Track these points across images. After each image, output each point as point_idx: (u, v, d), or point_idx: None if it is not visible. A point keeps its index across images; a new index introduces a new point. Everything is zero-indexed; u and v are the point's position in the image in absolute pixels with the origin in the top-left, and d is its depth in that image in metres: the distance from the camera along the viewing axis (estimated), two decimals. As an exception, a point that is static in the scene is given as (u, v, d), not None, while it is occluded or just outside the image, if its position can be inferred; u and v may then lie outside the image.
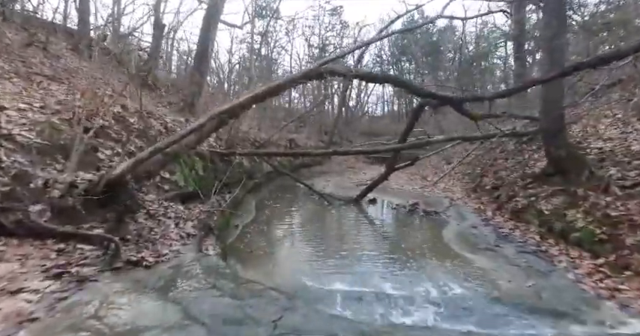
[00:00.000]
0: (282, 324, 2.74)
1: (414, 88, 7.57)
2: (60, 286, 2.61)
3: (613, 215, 4.68)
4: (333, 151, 10.04)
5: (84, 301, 2.48)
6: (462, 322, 3.62)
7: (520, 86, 6.88)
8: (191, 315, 2.48)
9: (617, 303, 3.72)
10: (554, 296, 4.20)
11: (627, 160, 5.42)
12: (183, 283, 3.38)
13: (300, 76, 5.38)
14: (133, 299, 2.53)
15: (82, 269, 2.79)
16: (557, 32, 6.13)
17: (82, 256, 2.95)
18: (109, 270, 3.02)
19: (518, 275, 4.92)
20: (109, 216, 3.94)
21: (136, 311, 2.37)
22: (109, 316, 2.30)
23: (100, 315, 2.29)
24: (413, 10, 8.37)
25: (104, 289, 2.61)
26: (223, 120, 5.35)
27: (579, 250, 5.04)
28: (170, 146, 4.45)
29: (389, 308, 3.88)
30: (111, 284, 2.71)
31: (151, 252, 4.00)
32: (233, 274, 4.35)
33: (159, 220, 5.01)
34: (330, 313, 3.29)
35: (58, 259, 2.83)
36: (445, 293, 4.55)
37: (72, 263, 2.82)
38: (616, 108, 7.62)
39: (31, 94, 5.44)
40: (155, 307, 2.43)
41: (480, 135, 9.73)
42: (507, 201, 7.79)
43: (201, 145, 7.22)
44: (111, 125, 5.66)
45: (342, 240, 6.88)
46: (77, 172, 3.78)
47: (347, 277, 4.99)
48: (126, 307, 2.40)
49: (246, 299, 3.24)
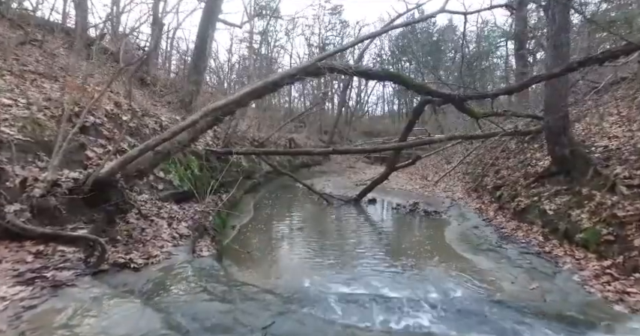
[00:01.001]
0: (274, 331, 2.59)
1: (416, 85, 7.43)
2: (31, 293, 2.42)
3: (620, 215, 4.52)
4: (333, 149, 9.88)
5: (55, 309, 2.30)
6: (462, 327, 3.47)
7: (524, 83, 6.72)
8: (173, 322, 2.30)
9: (627, 307, 3.56)
10: (559, 299, 4.06)
11: (634, 159, 5.25)
12: (172, 286, 3.22)
13: (297, 71, 5.22)
14: (111, 305, 2.34)
15: (59, 273, 2.60)
16: (562, 27, 5.98)
17: (62, 259, 2.78)
18: (90, 274, 2.84)
19: (521, 277, 4.79)
20: (97, 216, 3.79)
21: (113, 319, 2.20)
22: (81, 325, 2.11)
23: (71, 324, 2.10)
24: (413, 9, 8.25)
25: (81, 295, 2.42)
26: (217, 117, 5.20)
27: (585, 251, 4.89)
28: (161, 144, 4.29)
29: (387, 312, 3.73)
30: (90, 289, 2.52)
31: (140, 253, 3.85)
32: (227, 276, 4.22)
33: (151, 221, 4.86)
34: (325, 317, 3.15)
35: (34, 263, 2.64)
36: (446, 296, 4.42)
37: (49, 267, 2.63)
38: (620, 106, 7.46)
39: (23, 91, 5.32)
40: (135, 314, 2.25)
41: (481, 134, 9.60)
42: (509, 201, 7.65)
43: (195, 143, 7.09)
44: (103, 123, 5.52)
45: (341, 241, 6.74)
46: (62, 170, 3.64)
47: (345, 280, 4.87)
48: (102, 315, 2.22)
49: (238, 303, 3.08)
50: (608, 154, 5.81)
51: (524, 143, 9.61)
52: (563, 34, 5.88)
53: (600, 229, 4.72)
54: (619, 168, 5.20)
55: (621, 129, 6.48)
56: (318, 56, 5.99)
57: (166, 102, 11.68)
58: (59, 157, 3.29)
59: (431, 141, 9.54)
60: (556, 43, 5.98)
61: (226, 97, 5.20)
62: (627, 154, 5.47)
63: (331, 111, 35.52)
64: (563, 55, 5.94)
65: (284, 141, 18.40)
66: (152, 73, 14.59)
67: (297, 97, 36.11)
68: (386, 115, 42.68)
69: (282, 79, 5.21)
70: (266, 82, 5.08)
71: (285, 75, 5.19)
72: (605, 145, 6.20)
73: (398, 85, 7.69)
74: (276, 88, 5.81)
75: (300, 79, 5.76)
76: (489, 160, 10.93)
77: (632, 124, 6.33)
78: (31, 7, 12.34)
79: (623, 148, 5.74)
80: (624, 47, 4.62)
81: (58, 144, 3.34)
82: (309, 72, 5.62)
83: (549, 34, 6.22)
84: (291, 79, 5.44)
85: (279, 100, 34.15)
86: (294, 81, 5.70)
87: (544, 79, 6.03)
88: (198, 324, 2.50)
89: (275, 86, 5.48)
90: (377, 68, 8.67)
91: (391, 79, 7.79)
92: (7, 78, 5.75)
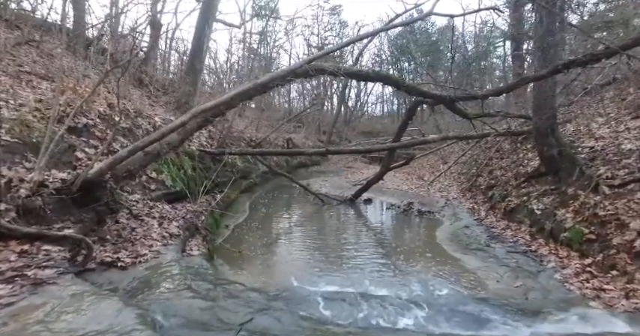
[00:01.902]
0: (249, 327, 2.66)
1: (407, 86, 7.49)
2: (10, 291, 2.46)
3: (601, 215, 4.60)
4: (326, 150, 9.93)
5: (33, 306, 2.35)
6: (443, 324, 3.56)
7: (511, 84, 6.79)
8: (149, 319, 2.37)
9: (602, 303, 3.66)
10: (540, 297, 4.15)
11: (617, 159, 5.33)
12: (157, 284, 3.29)
13: (286, 73, 5.28)
14: (90, 302, 2.39)
15: (40, 272, 2.64)
16: (550, 30, 6.05)
17: (46, 258, 2.83)
18: (74, 272, 2.90)
19: (506, 276, 4.88)
20: (85, 216, 3.86)
21: (89, 315, 2.24)
22: (57, 321, 2.15)
23: (47, 320, 2.13)
24: (412, 8, 8.30)
25: (60, 293, 2.46)
26: (208, 119, 5.28)
27: (568, 249, 4.98)
28: (150, 145, 4.37)
29: (370, 309, 3.80)
30: (70, 287, 2.56)
31: (129, 252, 3.93)
32: (215, 274, 4.29)
33: (142, 220, 4.93)
34: (305, 315, 3.21)
35: (17, 262, 2.68)
36: (431, 294, 4.51)
37: (31, 266, 2.68)
38: (609, 107, 7.53)
39: (17, 92, 5.40)
40: (112, 311, 2.30)
41: (474, 134, 9.66)
42: (500, 201, 7.72)
43: (186, 144, 7.16)
44: (96, 124, 5.60)
45: (335, 240, 6.83)
46: (50, 171, 3.72)
47: (334, 278, 4.96)
48: (79, 312, 2.27)
49: (220, 301, 3.16)
50: (594, 155, 5.89)
51: (518, 143, 9.67)
52: (550, 36, 5.94)
53: (583, 228, 4.80)
54: (602, 168, 5.28)
55: (609, 130, 6.54)
56: (308, 58, 6.07)
57: (164, 102, 11.77)
58: (46, 158, 3.37)
59: (424, 141, 9.60)
60: (543, 46, 6.05)
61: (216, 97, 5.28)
62: (611, 155, 5.54)
63: (330, 111, 35.60)
64: (551, 57, 6.01)
65: (282, 141, 18.45)
66: (150, 73, 14.70)
67: (297, 97, 36.19)
68: (385, 115, 42.69)
69: (271, 81, 5.28)
70: (255, 83, 5.15)
71: (274, 77, 5.26)
72: (591, 146, 6.27)
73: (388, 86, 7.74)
74: (266, 89, 5.87)
75: (291, 80, 5.83)
76: (484, 160, 10.99)
77: (619, 125, 6.40)
78: (29, 8, 12.50)
79: (607, 148, 5.82)
80: (604, 51, 4.71)
81: (44, 145, 3.42)
82: (298, 74, 5.69)
83: (536, 37, 6.30)
84: (280, 80, 5.50)
85: (279, 100, 34.31)
86: (284, 83, 5.77)
87: (531, 81, 6.11)
88: (176, 320, 2.57)
89: (264, 88, 5.55)
90: (367, 69, 8.69)
91: (381, 81, 7.86)
92: (2, 79, 5.84)
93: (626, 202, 4.46)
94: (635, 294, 3.60)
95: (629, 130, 6.03)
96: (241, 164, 11.41)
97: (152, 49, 16.88)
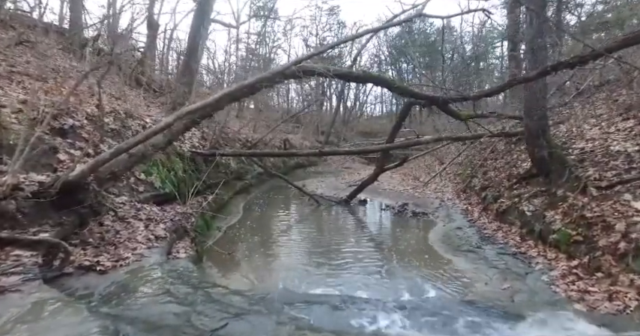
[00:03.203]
0: (222, 333, 2.62)
1: (399, 88, 7.46)
2: None
3: (588, 216, 4.57)
4: (320, 151, 9.89)
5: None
6: (425, 328, 3.51)
7: (502, 85, 6.77)
8: (115, 326, 2.31)
9: (585, 305, 3.63)
10: (526, 299, 4.11)
11: (605, 161, 5.30)
12: (134, 288, 3.24)
13: (273, 75, 5.24)
14: (52, 311, 2.31)
15: (5, 278, 2.58)
16: (539, 31, 6.02)
17: (14, 264, 2.78)
18: (42, 278, 2.84)
19: (495, 278, 4.85)
20: (66, 219, 3.82)
21: (48, 325, 2.16)
22: (11, 331, 2.08)
23: (3, 330, 2.10)
24: (410, 9, 8.28)
25: (22, 301, 2.38)
26: (195, 120, 5.25)
27: (557, 251, 4.96)
28: (134, 147, 4.34)
29: (354, 313, 3.74)
30: (34, 294, 2.48)
31: (110, 256, 3.89)
32: (199, 277, 4.25)
33: (127, 223, 4.89)
34: (284, 319, 3.15)
35: None
36: (418, 297, 4.48)
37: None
38: (602, 108, 7.50)
39: (7, 93, 5.37)
40: (74, 319, 2.22)
41: (468, 135, 9.64)
42: (493, 202, 7.68)
43: (174, 145, 7.12)
44: (83, 125, 5.58)
45: (326, 242, 6.79)
46: (28, 173, 3.69)
47: (322, 280, 4.93)
48: (39, 321, 2.20)
49: (198, 306, 3.10)
50: (583, 156, 5.86)
51: (512, 144, 9.64)
52: (540, 38, 5.91)
53: (570, 230, 4.77)
54: (591, 170, 5.25)
55: (600, 131, 6.51)
56: (295, 59, 6.04)
57: (161, 103, 11.76)
58: (21, 161, 3.33)
59: (418, 142, 9.58)
60: (533, 47, 6.02)
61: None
62: (600, 157, 5.52)
63: (329, 111, 35.54)
64: (541, 58, 5.97)
65: (279, 142, 18.39)
66: (147, 73, 14.69)
67: (296, 97, 36.16)
68: (384, 115, 42.63)
69: (258, 82, 5.24)
70: (242, 85, 5.11)
71: (261, 78, 5.22)
72: (581, 147, 6.24)
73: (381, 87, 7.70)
74: (253, 91, 5.84)
75: (279, 82, 5.80)
76: (479, 161, 10.97)
77: (610, 127, 6.37)
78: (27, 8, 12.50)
79: (597, 150, 5.79)
80: (591, 54, 4.69)
81: (19, 147, 3.39)
82: (287, 75, 5.67)
83: (526, 38, 6.27)
84: (268, 82, 5.47)
85: (278, 100, 34.30)
86: (272, 84, 5.74)
87: (520, 83, 6.08)
88: (144, 327, 2.52)
89: (251, 89, 5.52)
90: (358, 71, 8.67)
91: (372, 82, 7.84)
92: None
93: (613, 204, 4.43)
94: (617, 296, 3.58)
95: (618, 132, 6.00)
96: (235, 165, 11.38)
97: (149, 49, 16.91)
